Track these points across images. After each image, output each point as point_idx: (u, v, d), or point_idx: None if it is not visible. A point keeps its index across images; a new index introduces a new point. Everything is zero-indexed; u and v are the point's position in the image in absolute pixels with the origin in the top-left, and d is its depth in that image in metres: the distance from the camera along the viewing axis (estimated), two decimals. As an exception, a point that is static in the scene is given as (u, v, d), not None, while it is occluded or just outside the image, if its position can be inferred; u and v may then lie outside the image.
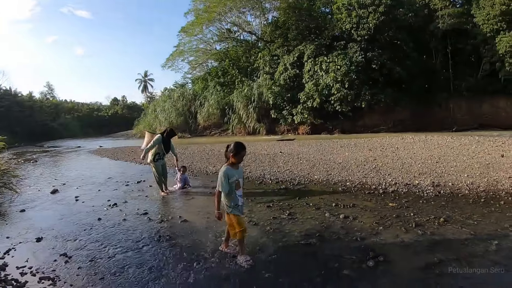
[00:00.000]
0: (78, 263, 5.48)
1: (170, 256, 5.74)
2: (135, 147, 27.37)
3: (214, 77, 50.10)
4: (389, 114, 38.74)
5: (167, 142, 10.86)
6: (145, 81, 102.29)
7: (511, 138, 22.31)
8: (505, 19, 36.05)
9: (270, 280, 4.86)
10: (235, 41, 54.46)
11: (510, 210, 7.56)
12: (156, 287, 4.69)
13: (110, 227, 7.31)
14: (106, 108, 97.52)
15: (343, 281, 4.75)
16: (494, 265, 4.94)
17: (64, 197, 10.49)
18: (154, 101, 62.04)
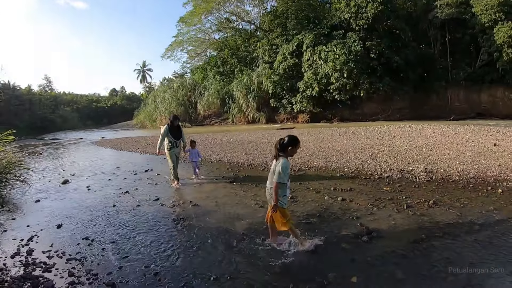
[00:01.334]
0: (101, 245, 5.82)
1: (185, 235, 6.23)
2: (138, 138, 27.92)
3: (214, 67, 50.13)
4: (387, 103, 38.98)
5: (174, 130, 10.55)
6: (143, 71, 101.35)
7: (506, 127, 22.44)
8: (503, 9, 36.30)
9: (276, 250, 5.45)
10: (234, 31, 54.34)
11: (496, 195, 8.11)
12: (175, 263, 5.09)
13: (126, 212, 7.68)
14: (105, 99, 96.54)
15: (341, 252, 5.33)
16: (475, 242, 5.49)
17: (76, 187, 10.72)
18: (154, 91, 61.53)
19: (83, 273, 4.80)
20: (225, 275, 4.67)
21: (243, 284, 4.48)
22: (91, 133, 45.09)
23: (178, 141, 10.63)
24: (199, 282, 4.52)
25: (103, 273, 4.78)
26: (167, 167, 11.08)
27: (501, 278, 4.45)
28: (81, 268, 4.96)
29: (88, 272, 4.82)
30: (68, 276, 4.75)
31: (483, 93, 40.48)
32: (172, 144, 10.49)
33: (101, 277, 4.68)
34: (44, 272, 4.90)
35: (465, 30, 41.16)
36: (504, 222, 6.36)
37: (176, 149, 10.61)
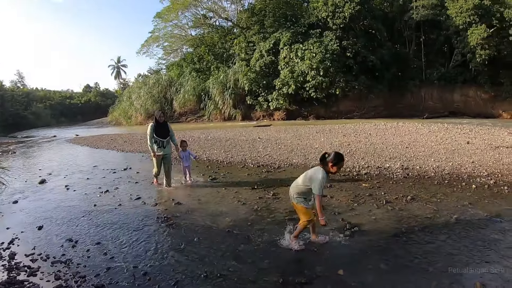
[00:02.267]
0: (85, 246, 5.73)
1: (170, 233, 6.27)
2: (114, 135, 27.47)
3: (190, 63, 49.75)
4: (363, 101, 39.49)
5: (160, 127, 9.52)
6: (118, 67, 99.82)
7: (478, 126, 23.16)
8: (477, 12, 37.05)
9: (262, 246, 5.57)
10: (210, 27, 53.98)
11: (470, 190, 8.42)
12: (163, 262, 5.10)
13: (108, 212, 7.57)
14: (78, 96, 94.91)
15: (324, 246, 5.48)
16: (452, 235, 5.76)
17: (54, 187, 10.44)
18: (129, 88, 60.71)
19: (70, 276, 4.72)
20: (215, 272, 4.71)
21: (234, 280, 4.53)
22: (65, 131, 44.25)
23: (165, 140, 9.57)
24: (190, 281, 4.54)
25: (91, 275, 4.73)
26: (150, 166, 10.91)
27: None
28: (68, 271, 4.88)
29: (75, 274, 4.75)
30: (54, 279, 4.67)
31: (456, 92, 41.45)
32: (158, 144, 9.47)
33: (89, 279, 4.63)
34: (29, 276, 4.80)
35: (439, 31, 42.23)
36: (478, 215, 6.64)
37: (164, 149, 9.56)
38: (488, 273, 4.57)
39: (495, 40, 36.79)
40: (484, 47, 36.55)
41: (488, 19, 36.90)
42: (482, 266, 4.74)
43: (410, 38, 44.73)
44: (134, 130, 35.44)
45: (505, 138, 16.45)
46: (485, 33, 35.80)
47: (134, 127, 41.71)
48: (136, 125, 45.57)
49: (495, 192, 8.25)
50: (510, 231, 5.91)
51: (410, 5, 42.09)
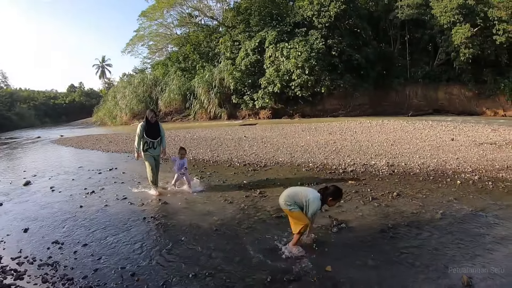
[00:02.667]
0: (72, 248, 5.64)
1: (158, 233, 6.25)
2: (99, 136, 27.15)
3: (175, 62, 49.31)
4: (348, 99, 39.67)
5: (151, 128, 9.06)
6: (102, 67, 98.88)
7: (462, 123, 23.50)
8: (461, 12, 37.71)
9: (250, 244, 5.61)
10: (196, 26, 53.56)
11: (455, 186, 8.63)
12: (151, 262, 5.08)
13: (94, 213, 7.48)
14: (63, 96, 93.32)
15: (314, 243, 5.54)
16: (438, 230, 5.90)
17: (39, 188, 10.24)
18: (114, 87, 59.99)
19: (58, 279, 4.66)
20: (204, 271, 4.72)
21: (223, 279, 4.54)
22: (50, 131, 43.33)
23: (156, 141, 9.13)
24: (178, 280, 4.54)
25: (78, 278, 4.68)
26: (140, 169, 10.92)
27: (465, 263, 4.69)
28: (55, 274, 4.81)
29: (63, 277, 4.69)
30: (42, 282, 4.61)
31: (440, 90, 42.07)
32: (148, 145, 9.03)
33: (77, 282, 4.59)
34: (16, 280, 4.71)
35: (424, 30, 42.69)
36: (463, 210, 6.78)
37: (154, 150, 9.14)
38: (474, 266, 4.64)
39: (479, 39, 37.47)
40: (468, 46, 37.12)
41: (472, 19, 37.47)
42: (468, 259, 4.84)
43: (395, 37, 45.16)
44: (119, 130, 35.17)
45: (489, 135, 16.72)
46: (469, 32, 36.34)
47: (119, 127, 41.36)
48: (121, 125, 45.16)
49: (480, 187, 8.42)
50: (494, 225, 6.04)
51: (395, 4, 42.52)
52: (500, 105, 39.81)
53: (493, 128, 19.92)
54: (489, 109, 39.84)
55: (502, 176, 9.31)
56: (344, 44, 37.62)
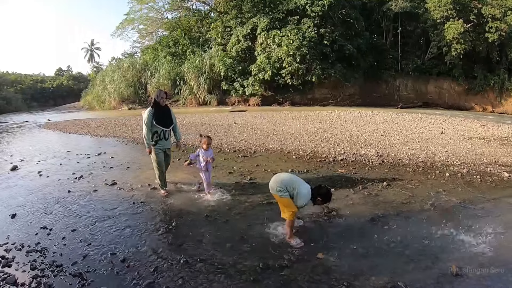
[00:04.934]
0: (61, 234, 5.53)
1: (148, 218, 6.18)
2: (87, 120, 26.73)
3: (165, 47, 48.71)
4: (338, 89, 39.87)
5: (161, 113, 7.33)
6: (91, 50, 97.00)
7: (452, 117, 23.78)
8: (455, 7, 38.25)
9: (241, 230, 5.63)
10: (187, 11, 53.03)
11: (444, 178, 8.72)
12: (142, 248, 5.03)
13: (82, 198, 7.36)
14: (50, 79, 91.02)
15: (304, 230, 5.61)
16: (427, 220, 6.00)
17: (26, 173, 9.99)
18: (103, 72, 59.03)
19: (47, 265, 4.57)
20: (195, 257, 4.71)
21: (214, 265, 4.53)
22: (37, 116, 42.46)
23: (168, 130, 7.51)
24: (170, 266, 4.51)
25: (67, 264, 4.60)
26: (129, 153, 10.81)
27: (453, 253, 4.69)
28: (44, 260, 4.71)
29: (52, 263, 4.60)
30: (30, 269, 4.50)
31: (430, 84, 42.89)
32: (158, 135, 7.34)
33: (66, 268, 4.50)
34: (4, 267, 4.59)
35: (417, 24, 43.25)
36: (452, 202, 6.90)
37: (165, 142, 7.52)
38: (463, 256, 4.74)
39: (471, 35, 38.14)
40: (460, 42, 37.75)
41: (465, 15, 38.07)
42: (457, 249, 4.94)
43: (387, 29, 45.46)
44: (108, 114, 34.78)
45: (478, 130, 16.93)
46: (461, 28, 36.91)
47: (107, 112, 40.92)
48: (109, 109, 44.63)
49: (468, 180, 8.54)
50: (482, 217, 6.16)
51: None
52: (489, 101, 40.59)
53: (482, 123, 20.12)
54: (478, 104, 40.64)
55: (490, 171, 9.47)
56: (336, 34, 37.62)
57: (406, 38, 45.24)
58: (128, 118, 25.74)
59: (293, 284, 4.16)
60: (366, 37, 41.59)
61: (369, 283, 4.16)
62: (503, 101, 40.50)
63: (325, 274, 4.31)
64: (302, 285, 4.13)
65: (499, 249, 4.96)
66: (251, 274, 4.30)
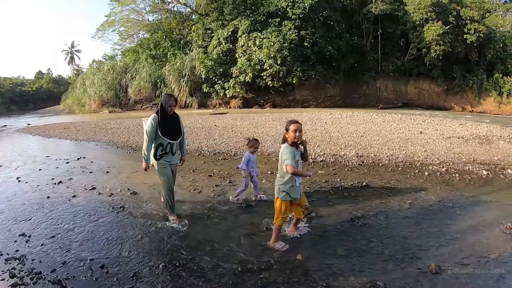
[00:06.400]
0: (40, 241, 5.42)
1: (127, 223, 6.08)
2: (67, 124, 26.48)
3: (146, 49, 48.58)
4: (319, 90, 40.35)
5: (169, 122, 6.04)
6: (71, 53, 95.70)
7: (431, 117, 24.11)
8: (435, 9, 39.26)
9: (220, 233, 5.58)
10: (168, 13, 52.93)
11: (423, 177, 8.85)
12: (121, 253, 4.95)
13: (62, 204, 7.22)
14: (30, 83, 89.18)
15: (284, 232, 5.48)
16: (406, 219, 6.07)
17: (4, 179, 9.77)
18: (83, 74, 58.49)
19: (26, 273, 4.47)
20: (174, 261, 4.66)
21: (193, 269, 4.49)
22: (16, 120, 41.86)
23: (176, 142, 6.16)
24: (148, 271, 4.46)
25: (47, 271, 4.51)
26: (109, 157, 10.57)
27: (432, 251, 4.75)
28: (23, 268, 4.61)
29: (31, 271, 4.50)
30: (9, 277, 4.40)
31: (410, 85, 43.86)
32: (164, 149, 6.03)
33: (45, 275, 4.41)
34: None
35: (397, 26, 44.19)
36: (431, 201, 6.98)
37: (173, 157, 6.17)
38: (442, 255, 4.77)
39: (450, 37, 38.99)
40: (439, 43, 38.80)
41: (444, 17, 38.98)
42: (436, 248, 4.97)
43: (368, 31, 46.23)
44: (88, 118, 34.47)
45: (457, 129, 17.14)
46: (440, 29, 37.83)
47: (87, 115, 40.57)
48: (89, 113, 44.24)
49: (447, 179, 8.66)
50: (461, 215, 6.23)
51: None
52: (468, 101, 41.39)
53: (461, 123, 20.45)
54: (457, 104, 41.46)
55: (468, 169, 9.62)
56: (317, 36, 37.97)
57: (386, 40, 46.00)
58: (108, 122, 25.51)
59: (272, 286, 4.14)
60: (347, 39, 42.08)
61: (348, 283, 4.16)
62: (481, 101, 41.40)
63: (304, 276, 4.30)
64: (280, 287, 4.12)
65: (478, 246, 5.02)
66: (230, 278, 4.27)
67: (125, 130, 20.13)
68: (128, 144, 15.06)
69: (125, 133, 18.79)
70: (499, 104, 40.38)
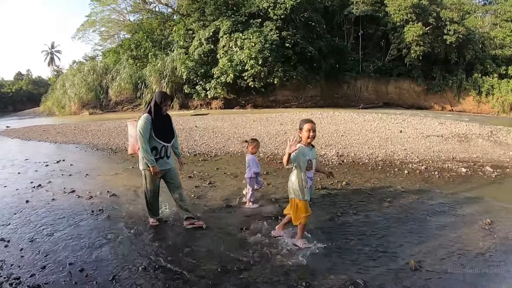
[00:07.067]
0: (19, 245, 5.36)
1: (106, 226, 6.03)
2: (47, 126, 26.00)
3: (127, 50, 47.92)
4: (300, 91, 40.37)
5: (161, 122, 5.66)
6: (52, 53, 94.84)
7: (411, 116, 24.43)
8: (415, 11, 39.86)
9: (200, 235, 5.58)
10: (150, 13, 52.56)
11: (403, 175, 9.04)
12: (100, 256, 4.91)
13: (41, 207, 7.11)
14: (9, 84, 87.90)
15: (264, 232, 5.59)
16: (385, 217, 6.17)
17: None
18: (63, 75, 57.73)
19: (5, 279, 4.41)
20: (153, 263, 4.65)
21: (173, 270, 4.49)
22: (-5, 122, 41.63)
23: (169, 145, 5.79)
24: (128, 274, 4.44)
25: (26, 276, 4.45)
26: (89, 159, 10.74)
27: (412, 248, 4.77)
28: (1, 273, 4.54)
29: (10, 276, 4.44)
30: None
31: (391, 85, 44.48)
32: (158, 152, 5.61)
33: (24, 280, 4.36)
34: None
35: (377, 26, 44.69)
36: (410, 199, 7.12)
37: (167, 162, 5.76)
38: (421, 251, 4.87)
39: (430, 37, 39.85)
40: (419, 44, 39.62)
41: (424, 18, 39.79)
42: (415, 245, 5.07)
43: (348, 31, 46.72)
44: (68, 120, 34.01)
45: (436, 128, 17.36)
46: (420, 30, 38.62)
47: (67, 117, 40.07)
48: (70, 115, 43.67)
49: (426, 177, 8.87)
50: (440, 212, 6.37)
51: (351, 0, 43.81)
52: (448, 101, 42.14)
53: (440, 121, 20.75)
54: (437, 104, 42.27)
55: (447, 167, 9.82)
56: (298, 37, 37.98)
57: (367, 40, 46.49)
58: (88, 124, 25.19)
59: (252, 286, 4.14)
60: (328, 40, 42.25)
61: (328, 282, 4.17)
62: (461, 100, 42.22)
63: (284, 275, 4.31)
64: (261, 287, 4.12)
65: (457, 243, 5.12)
66: (210, 279, 4.27)
67: (105, 132, 19.90)
68: (108, 146, 14.93)
69: (105, 135, 18.58)
70: (478, 103, 41.27)
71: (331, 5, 45.57)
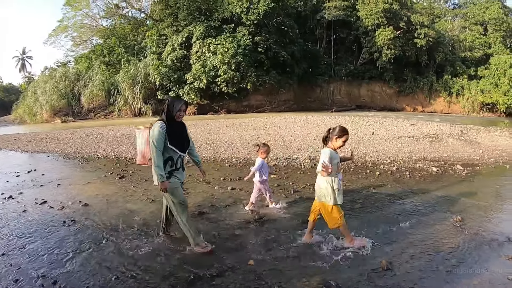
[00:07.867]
0: None
1: (78, 237, 5.93)
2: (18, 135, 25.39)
3: (99, 56, 47.26)
4: (273, 95, 40.76)
5: (177, 131, 5.17)
6: (23, 59, 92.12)
7: (383, 118, 24.82)
8: (386, 15, 40.94)
9: (173, 242, 5.57)
10: (122, 18, 52.16)
11: (374, 176, 9.22)
12: (73, 268, 4.83)
13: (12, 220, 6.96)
14: None
15: (236, 238, 5.63)
16: (357, 217, 6.32)
17: None
18: (34, 82, 56.72)
19: None
20: (126, 273, 4.62)
21: (146, 279, 4.47)
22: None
23: (185, 155, 5.39)
24: (102, 284, 4.39)
25: None
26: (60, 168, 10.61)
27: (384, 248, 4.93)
28: None
29: None
30: None
31: (363, 87, 45.53)
32: (174, 163, 5.15)
33: None
34: None
35: (349, 31, 45.56)
36: (382, 199, 7.29)
37: (182, 173, 5.33)
38: (393, 251, 4.95)
39: (401, 41, 40.64)
40: (390, 47, 40.61)
41: (395, 22, 40.84)
42: (387, 245, 5.15)
43: (321, 36, 47.42)
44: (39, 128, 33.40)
45: (408, 129, 17.67)
46: (392, 34, 39.49)
47: (39, 125, 39.30)
48: (42, 122, 42.83)
49: (398, 177, 9.06)
50: (411, 211, 6.51)
51: (323, 5, 44.58)
52: (419, 102, 43.21)
53: (412, 122, 21.13)
54: (409, 105, 43.33)
55: (418, 166, 10.01)
56: (271, 41, 38.29)
57: (339, 44, 47.29)
58: (60, 132, 24.82)
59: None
60: (301, 44, 42.68)
61: (301, 285, 4.22)
62: (432, 101, 43.53)
63: (256, 281, 4.33)
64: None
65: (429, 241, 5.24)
66: (183, 286, 4.27)
67: (77, 140, 19.56)
68: (81, 154, 14.67)
69: (77, 143, 18.24)
70: (448, 103, 42.61)
71: (304, 10, 46.15)
